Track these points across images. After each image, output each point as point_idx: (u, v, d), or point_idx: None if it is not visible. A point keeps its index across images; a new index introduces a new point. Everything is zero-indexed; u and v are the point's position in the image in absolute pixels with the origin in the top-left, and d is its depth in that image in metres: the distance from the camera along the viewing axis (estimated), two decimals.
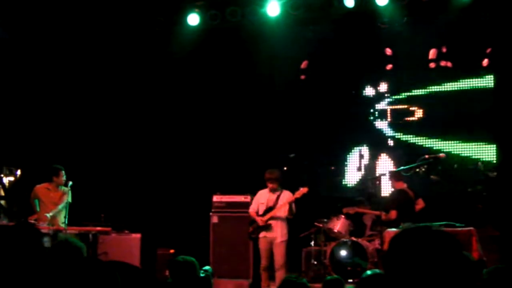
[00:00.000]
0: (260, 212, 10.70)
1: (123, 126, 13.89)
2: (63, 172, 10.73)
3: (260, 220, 10.59)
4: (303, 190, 10.38)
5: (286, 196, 10.58)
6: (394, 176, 11.08)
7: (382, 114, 13.74)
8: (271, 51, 13.78)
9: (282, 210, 10.54)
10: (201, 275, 5.83)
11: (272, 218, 10.52)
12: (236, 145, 13.67)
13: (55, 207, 10.50)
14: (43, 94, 13.37)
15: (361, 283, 4.12)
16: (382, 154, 13.66)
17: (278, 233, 10.52)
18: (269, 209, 10.58)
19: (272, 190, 10.68)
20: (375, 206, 11.57)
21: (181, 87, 14.03)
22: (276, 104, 14.06)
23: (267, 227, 10.56)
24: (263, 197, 10.81)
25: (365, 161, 13.79)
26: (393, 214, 10.75)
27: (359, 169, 13.80)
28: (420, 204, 11.01)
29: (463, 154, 12.79)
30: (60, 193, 10.69)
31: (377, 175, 12.39)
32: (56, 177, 10.69)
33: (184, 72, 13.91)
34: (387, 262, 2.47)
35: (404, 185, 11.00)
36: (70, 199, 10.53)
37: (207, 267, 9.61)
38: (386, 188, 12.51)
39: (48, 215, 10.31)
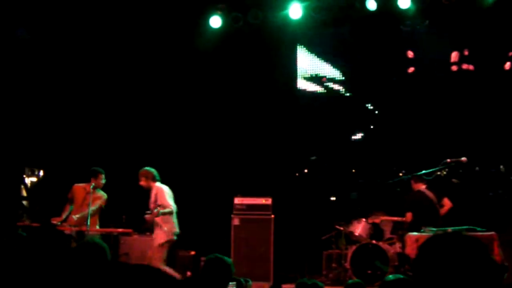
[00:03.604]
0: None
1: (145, 128, 13.95)
2: (103, 175, 10.62)
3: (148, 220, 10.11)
4: None
5: (155, 192, 10.11)
6: (414, 178, 10.92)
7: None
8: (293, 53, 13.78)
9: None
10: None
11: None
12: (257, 147, 13.68)
13: (87, 208, 10.28)
14: (66, 95, 13.43)
15: None
16: None
17: (154, 235, 10.04)
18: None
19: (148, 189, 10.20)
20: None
21: (203, 89, 14.06)
22: (297, 106, 14.05)
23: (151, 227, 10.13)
24: None
25: None
26: (408, 216, 10.62)
27: None
28: (446, 204, 10.78)
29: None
30: (95, 195, 10.46)
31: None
32: (94, 179, 10.50)
33: (206, 74, 13.94)
34: (418, 267, 2.45)
35: (422, 186, 10.75)
36: (103, 205, 10.52)
37: None
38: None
39: (75, 217, 10.22)
